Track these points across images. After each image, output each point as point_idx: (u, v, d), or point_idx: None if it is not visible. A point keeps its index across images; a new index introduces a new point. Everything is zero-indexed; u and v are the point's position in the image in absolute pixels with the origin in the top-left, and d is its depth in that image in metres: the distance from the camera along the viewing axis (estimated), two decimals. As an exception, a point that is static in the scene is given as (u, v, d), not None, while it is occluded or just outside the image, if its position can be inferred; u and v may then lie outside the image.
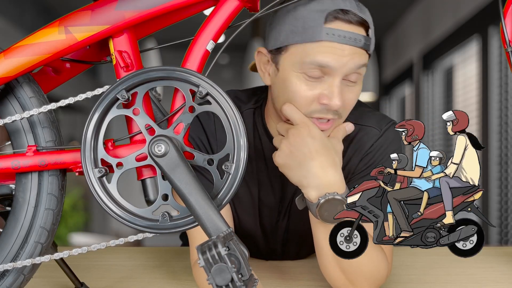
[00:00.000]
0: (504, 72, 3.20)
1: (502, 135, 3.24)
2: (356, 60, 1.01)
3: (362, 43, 1.01)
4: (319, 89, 1.01)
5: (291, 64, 1.02)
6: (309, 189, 0.99)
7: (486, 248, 1.62)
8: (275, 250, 1.30)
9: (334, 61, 1.00)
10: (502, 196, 3.23)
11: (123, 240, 0.87)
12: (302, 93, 1.02)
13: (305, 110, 1.03)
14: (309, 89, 1.02)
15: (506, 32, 1.07)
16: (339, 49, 1.00)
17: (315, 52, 1.00)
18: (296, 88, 1.02)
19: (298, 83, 1.02)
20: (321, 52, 0.99)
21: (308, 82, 1.02)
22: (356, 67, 1.02)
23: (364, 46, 1.02)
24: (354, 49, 1.01)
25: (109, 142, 0.87)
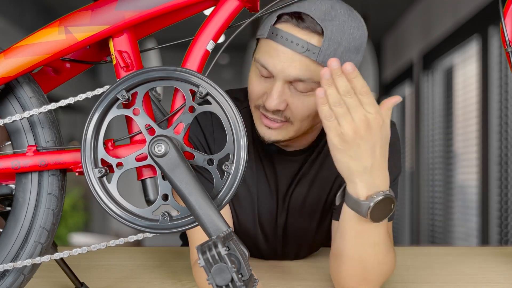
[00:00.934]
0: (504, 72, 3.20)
1: (502, 135, 3.24)
2: (297, 68, 0.97)
3: (305, 50, 0.97)
4: (265, 87, 1.03)
5: (254, 57, 1.06)
6: (361, 185, 0.91)
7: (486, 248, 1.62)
8: (275, 250, 1.30)
9: (272, 65, 0.99)
10: (502, 196, 3.23)
11: (123, 240, 0.87)
12: (252, 87, 1.05)
13: (254, 102, 1.06)
14: (258, 84, 1.04)
15: (506, 32, 1.07)
16: (280, 52, 0.98)
17: (262, 51, 1.02)
18: (251, 81, 1.06)
19: (253, 76, 1.05)
20: (264, 52, 1.01)
21: (260, 79, 1.04)
22: (297, 77, 0.98)
23: (307, 54, 0.97)
24: (294, 55, 0.97)
25: (109, 142, 0.87)
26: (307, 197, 1.19)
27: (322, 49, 0.97)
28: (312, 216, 1.21)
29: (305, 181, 1.18)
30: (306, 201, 1.20)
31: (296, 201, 1.20)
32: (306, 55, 0.97)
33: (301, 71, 0.98)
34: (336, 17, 0.98)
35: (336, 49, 0.98)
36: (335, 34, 0.98)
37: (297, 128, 1.05)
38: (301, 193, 1.19)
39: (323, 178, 1.18)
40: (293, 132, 1.06)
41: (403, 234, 5.42)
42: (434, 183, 4.56)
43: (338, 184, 1.17)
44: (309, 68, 0.98)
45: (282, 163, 1.18)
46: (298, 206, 1.20)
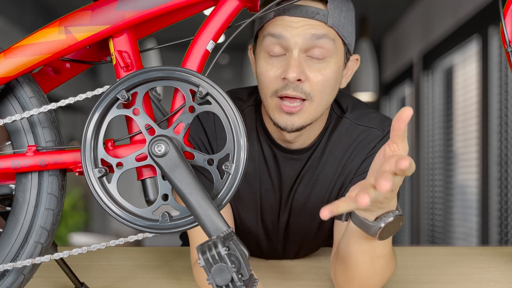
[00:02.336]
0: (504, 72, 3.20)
1: (502, 135, 3.24)
2: (310, 30, 1.02)
3: (315, 15, 1.02)
4: (280, 66, 1.04)
5: (259, 48, 1.08)
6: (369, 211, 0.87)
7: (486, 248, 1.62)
8: (276, 249, 1.30)
9: (286, 32, 1.02)
10: (502, 196, 3.23)
11: (123, 240, 0.87)
12: (266, 73, 1.05)
13: (270, 89, 1.06)
14: (272, 67, 1.05)
15: (506, 32, 1.07)
16: (290, 22, 1.03)
17: (269, 28, 1.04)
18: (262, 70, 1.06)
19: (263, 63, 1.06)
20: (275, 26, 1.04)
21: (270, 61, 1.05)
22: (313, 37, 1.02)
23: (318, 18, 1.02)
24: (306, 21, 1.02)
25: (109, 142, 0.87)
26: (310, 195, 1.19)
27: (329, 12, 1.03)
28: (314, 215, 1.22)
29: (308, 179, 1.19)
30: (309, 200, 1.20)
31: (299, 200, 1.20)
32: (317, 18, 1.02)
33: (316, 30, 1.02)
34: None
35: (340, 14, 1.04)
36: (336, 0, 1.04)
37: (317, 104, 1.06)
38: (304, 191, 1.19)
39: (325, 177, 1.18)
40: (313, 111, 1.06)
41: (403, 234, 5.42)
42: (434, 183, 4.56)
43: (341, 183, 1.17)
44: (323, 28, 1.03)
45: (286, 162, 1.18)
46: (301, 205, 1.20)
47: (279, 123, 1.07)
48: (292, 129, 1.07)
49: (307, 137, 1.14)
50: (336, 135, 1.16)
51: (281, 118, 1.06)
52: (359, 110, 1.18)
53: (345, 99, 1.21)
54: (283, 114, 1.05)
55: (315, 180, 1.19)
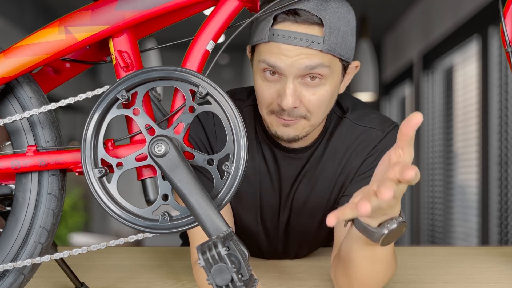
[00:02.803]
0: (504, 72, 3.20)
1: (502, 135, 3.24)
2: (304, 60, 0.99)
3: (310, 43, 0.99)
4: (275, 89, 1.04)
5: (255, 63, 1.06)
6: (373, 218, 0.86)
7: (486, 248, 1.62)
8: (276, 248, 1.30)
9: (279, 62, 1.00)
10: (502, 196, 3.23)
11: (123, 240, 0.87)
12: (262, 93, 1.05)
13: (267, 109, 1.06)
14: (267, 89, 1.04)
15: (506, 32, 1.07)
16: (284, 50, 1.00)
17: (265, 52, 1.02)
18: (258, 88, 1.06)
19: (260, 83, 1.05)
20: (269, 53, 1.02)
21: (268, 83, 1.04)
22: (306, 68, 1.00)
23: (313, 46, 0.99)
24: (301, 50, 0.99)
25: (109, 142, 0.87)
26: (310, 195, 1.19)
27: (325, 38, 1.00)
28: (315, 215, 1.22)
29: (308, 179, 1.19)
30: (309, 199, 1.20)
31: (299, 199, 1.20)
32: (312, 47, 0.99)
33: (310, 61, 1.00)
34: (329, 5, 1.01)
35: (337, 35, 1.01)
36: (333, 21, 1.00)
37: (314, 120, 1.07)
38: (304, 191, 1.19)
39: (325, 176, 1.18)
40: (310, 126, 1.07)
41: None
42: (434, 183, 4.56)
43: (341, 183, 1.17)
44: (318, 57, 1.00)
45: (286, 161, 1.18)
46: (301, 204, 1.20)
47: (276, 133, 1.08)
48: (288, 139, 1.08)
49: (307, 138, 1.15)
50: (336, 135, 1.17)
51: (279, 129, 1.07)
52: (360, 110, 1.18)
53: (345, 99, 1.21)
54: (280, 125, 1.07)
55: (315, 180, 1.19)
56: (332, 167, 1.17)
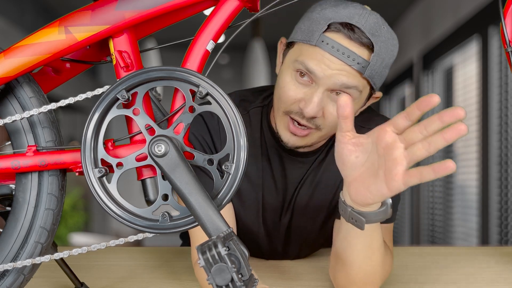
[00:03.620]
0: (504, 72, 3.20)
1: (502, 135, 3.24)
2: (343, 77, 0.99)
3: (355, 63, 0.99)
4: (303, 93, 1.03)
5: (290, 60, 1.05)
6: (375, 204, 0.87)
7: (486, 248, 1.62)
8: (276, 249, 1.30)
9: (319, 70, 1.00)
10: (502, 196, 3.23)
11: (123, 240, 0.87)
12: (288, 92, 1.04)
13: (285, 107, 1.06)
14: (295, 89, 1.04)
15: (506, 32, 1.07)
16: (327, 60, 0.99)
17: (307, 54, 1.02)
18: (285, 85, 1.05)
19: (288, 80, 1.05)
20: (311, 57, 1.01)
21: (297, 83, 1.04)
22: (342, 85, 1.00)
23: (357, 67, 0.99)
24: (343, 66, 0.99)
25: (109, 142, 0.87)
26: (312, 197, 1.19)
27: (371, 64, 1.00)
28: (316, 217, 1.22)
29: (311, 181, 1.19)
30: (311, 201, 1.20)
31: (301, 201, 1.20)
32: (356, 67, 0.99)
33: (349, 79, 1.00)
34: (382, 34, 1.02)
35: (381, 65, 1.01)
36: (382, 50, 1.01)
37: (324, 134, 1.07)
38: (306, 193, 1.19)
39: (328, 178, 1.18)
40: (317, 138, 1.08)
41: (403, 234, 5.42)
42: (434, 183, 4.55)
43: None
44: (356, 79, 1.00)
45: (292, 164, 1.18)
46: (303, 206, 1.20)
47: (282, 138, 1.09)
48: (292, 147, 1.09)
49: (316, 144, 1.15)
50: None
51: (285, 134, 1.08)
52: (365, 113, 1.18)
53: None
54: (287, 131, 1.07)
55: (318, 182, 1.19)
56: (335, 169, 1.17)
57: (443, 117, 0.72)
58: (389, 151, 0.76)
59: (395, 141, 0.76)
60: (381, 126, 0.78)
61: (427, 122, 0.74)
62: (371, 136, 0.80)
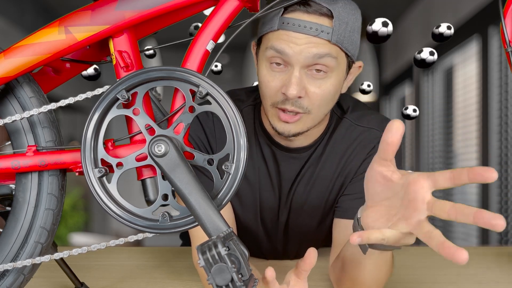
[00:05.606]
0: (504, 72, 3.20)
1: (502, 135, 3.24)
2: (313, 49, 1.01)
3: (319, 32, 1.00)
4: (281, 80, 1.04)
5: (262, 53, 1.07)
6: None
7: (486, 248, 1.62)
8: (276, 248, 1.30)
9: (288, 48, 1.01)
10: (502, 196, 3.23)
11: (123, 240, 0.87)
12: (267, 83, 1.05)
13: (270, 100, 1.06)
14: (273, 79, 1.04)
15: (506, 32, 1.07)
16: (293, 38, 1.01)
17: (274, 40, 1.03)
18: (263, 79, 1.06)
19: (265, 73, 1.05)
20: (278, 40, 1.02)
21: (273, 73, 1.04)
22: (315, 57, 1.01)
23: (322, 36, 1.01)
24: (310, 38, 1.01)
25: (109, 142, 0.87)
26: (309, 195, 1.19)
27: (334, 29, 1.01)
28: (314, 214, 1.22)
29: (308, 179, 1.19)
30: (308, 199, 1.20)
31: (298, 199, 1.20)
32: (321, 36, 1.01)
33: (318, 49, 1.01)
34: (338, 0, 1.02)
35: (345, 28, 1.02)
36: (342, 14, 1.02)
37: (315, 116, 1.07)
38: (303, 191, 1.19)
39: (325, 176, 1.18)
40: (310, 121, 1.07)
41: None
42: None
43: (340, 183, 1.18)
44: (326, 46, 1.01)
45: (285, 161, 1.18)
46: (300, 204, 1.21)
47: (277, 129, 1.08)
48: (289, 135, 1.08)
49: (307, 137, 1.15)
50: (336, 135, 1.17)
51: (279, 125, 1.08)
52: (359, 111, 1.19)
53: (345, 100, 1.21)
54: (280, 121, 1.07)
55: (315, 180, 1.19)
56: (331, 167, 1.17)
57: (474, 176, 0.65)
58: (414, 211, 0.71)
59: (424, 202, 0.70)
60: (420, 177, 0.71)
61: (457, 175, 0.68)
62: (403, 179, 0.73)
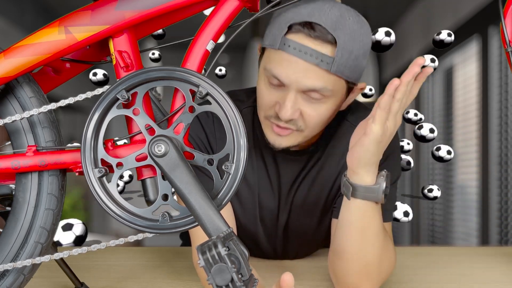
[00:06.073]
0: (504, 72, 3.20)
1: (502, 135, 3.24)
2: (311, 79, 0.98)
3: (319, 61, 0.97)
4: (276, 97, 1.03)
5: (262, 67, 1.06)
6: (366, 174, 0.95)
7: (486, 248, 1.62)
8: (276, 249, 1.30)
9: (285, 76, 0.99)
10: (502, 196, 3.23)
11: (123, 240, 0.87)
12: (263, 98, 1.05)
13: (264, 113, 1.06)
14: (269, 94, 1.04)
15: (506, 32, 1.07)
16: (293, 63, 0.99)
17: (272, 61, 1.01)
18: (260, 91, 1.06)
19: (262, 86, 1.05)
20: (276, 62, 1.01)
21: (270, 88, 1.04)
22: (312, 87, 0.99)
23: (322, 65, 0.97)
24: (308, 65, 0.98)
25: (109, 142, 0.87)
26: (309, 195, 1.19)
27: (335, 59, 0.98)
28: (313, 215, 1.22)
29: (308, 180, 1.19)
30: (308, 200, 1.20)
31: (298, 200, 1.20)
32: (320, 66, 0.98)
33: (315, 81, 0.99)
34: (347, 25, 0.99)
35: (348, 57, 0.99)
36: (347, 43, 0.98)
37: (307, 134, 1.07)
38: (303, 192, 1.19)
39: (324, 177, 1.18)
40: (302, 138, 1.07)
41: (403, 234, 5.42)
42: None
43: (339, 183, 1.18)
44: (324, 78, 0.99)
45: (285, 162, 1.18)
46: (300, 205, 1.21)
47: (269, 140, 1.08)
48: (279, 148, 1.08)
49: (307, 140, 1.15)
50: (336, 137, 1.17)
51: (271, 136, 1.07)
52: (359, 112, 1.18)
53: None
54: (273, 133, 1.07)
55: (314, 181, 1.19)
56: (331, 169, 1.17)
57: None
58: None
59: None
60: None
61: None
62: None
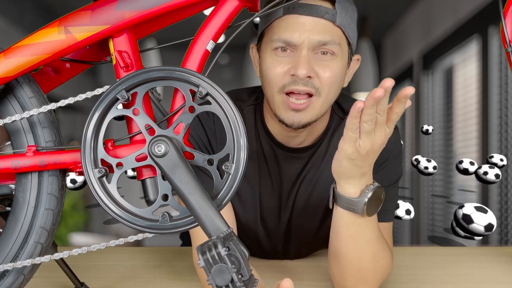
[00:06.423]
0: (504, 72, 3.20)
1: (502, 135, 3.24)
2: (320, 33, 1.03)
3: (324, 13, 1.03)
4: (288, 62, 1.05)
5: (265, 46, 1.08)
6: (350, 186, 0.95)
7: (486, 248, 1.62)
8: (276, 248, 1.30)
9: (297, 36, 1.03)
10: (502, 196, 3.23)
11: (123, 240, 0.87)
12: (274, 69, 1.05)
13: (277, 85, 1.06)
14: (280, 64, 1.05)
15: (506, 32, 1.07)
16: (299, 23, 1.03)
17: (279, 29, 1.04)
18: (268, 66, 1.06)
19: (270, 60, 1.06)
20: (283, 28, 1.04)
21: (278, 58, 1.05)
22: (319, 43, 1.03)
23: (327, 17, 1.03)
24: (316, 20, 1.03)
25: (109, 142, 0.87)
26: (311, 195, 1.20)
27: (337, 12, 1.04)
28: (315, 215, 1.22)
29: (310, 180, 1.19)
30: (310, 200, 1.20)
31: (300, 200, 1.20)
32: (326, 17, 1.03)
33: (324, 35, 1.03)
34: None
35: (346, 14, 1.05)
36: (342, 1, 1.05)
37: (324, 100, 1.06)
38: (305, 191, 1.19)
39: (326, 177, 1.18)
40: (319, 107, 1.06)
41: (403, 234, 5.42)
42: (434, 183, 4.55)
43: None
44: (331, 32, 1.04)
45: (286, 161, 1.18)
46: (302, 205, 1.21)
47: (286, 120, 1.07)
48: (299, 126, 1.07)
49: (309, 134, 1.15)
50: (337, 136, 1.17)
51: (288, 115, 1.06)
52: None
53: (346, 101, 1.21)
54: (289, 111, 1.06)
55: (317, 180, 1.19)
56: (332, 167, 1.17)
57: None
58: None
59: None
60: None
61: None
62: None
